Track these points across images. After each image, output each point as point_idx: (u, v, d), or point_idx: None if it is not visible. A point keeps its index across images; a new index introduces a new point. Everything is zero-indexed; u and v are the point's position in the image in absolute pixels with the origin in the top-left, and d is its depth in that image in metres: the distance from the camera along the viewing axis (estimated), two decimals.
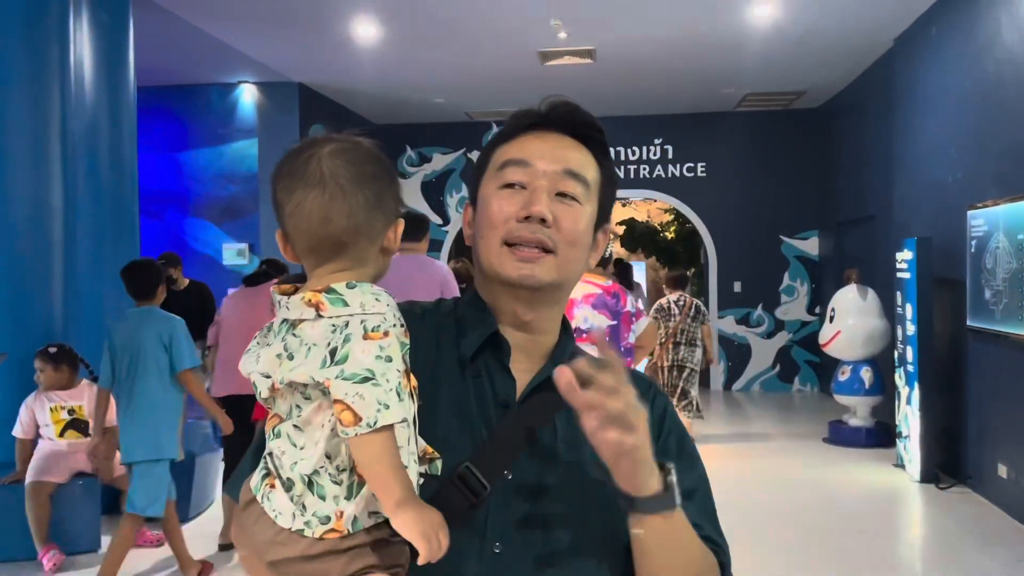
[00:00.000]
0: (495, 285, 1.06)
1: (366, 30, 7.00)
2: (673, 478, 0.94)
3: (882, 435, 7.22)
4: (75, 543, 4.52)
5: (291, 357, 0.92)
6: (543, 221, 1.02)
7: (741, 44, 7.42)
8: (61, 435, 4.59)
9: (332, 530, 0.92)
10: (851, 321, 7.30)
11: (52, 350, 4.59)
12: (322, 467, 0.93)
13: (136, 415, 3.96)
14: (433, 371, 1.05)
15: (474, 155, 10.72)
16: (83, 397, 4.71)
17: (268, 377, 0.94)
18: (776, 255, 10.42)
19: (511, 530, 0.99)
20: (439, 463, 0.99)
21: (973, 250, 5.62)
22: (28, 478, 4.45)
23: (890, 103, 7.42)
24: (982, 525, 5.13)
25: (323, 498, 0.92)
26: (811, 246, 10.36)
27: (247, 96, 8.79)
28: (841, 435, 7.34)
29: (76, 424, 4.64)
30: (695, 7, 6.48)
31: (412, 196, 10.87)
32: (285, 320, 0.95)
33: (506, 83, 8.75)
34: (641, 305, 4.03)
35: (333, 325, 0.91)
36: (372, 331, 0.91)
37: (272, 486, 0.95)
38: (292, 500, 0.93)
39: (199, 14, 6.56)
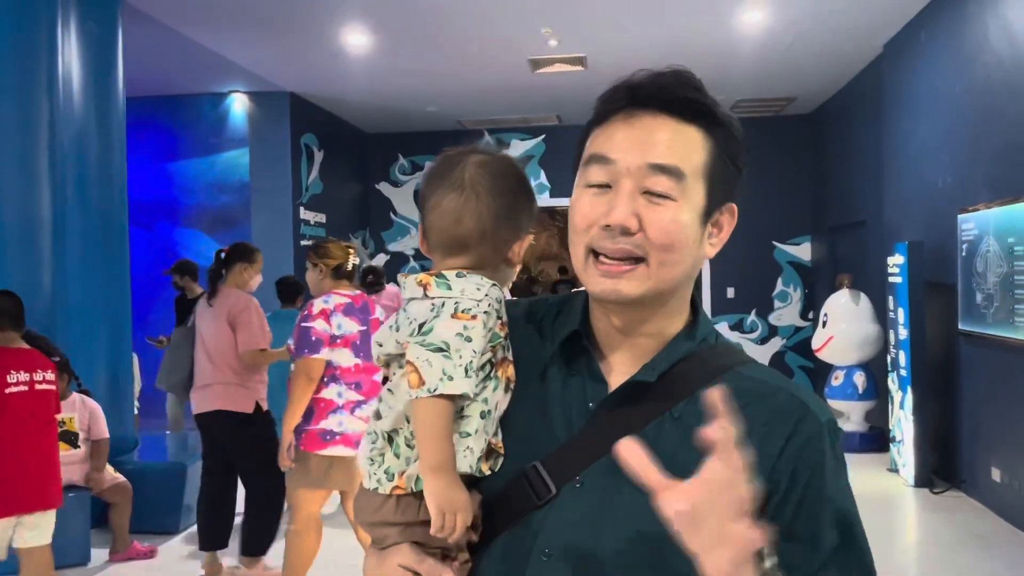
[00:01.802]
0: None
1: (357, 39, 7.00)
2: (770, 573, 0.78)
3: (876, 440, 7.22)
4: (65, 555, 4.46)
5: (397, 330, 1.02)
6: (627, 230, 0.92)
7: (731, 51, 7.43)
8: None
9: (397, 487, 1.01)
10: (844, 326, 7.31)
11: None
12: (400, 428, 1.02)
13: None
14: (529, 367, 1.04)
15: None
16: (74, 409, 4.68)
17: (381, 345, 1.05)
18: (769, 261, 10.43)
19: (563, 538, 0.94)
20: (500, 460, 1.00)
21: (964, 254, 5.63)
22: None
23: (880, 108, 7.44)
24: (977, 529, 5.13)
25: (397, 456, 1.02)
26: (804, 251, 10.38)
27: (238, 106, 8.76)
28: None
29: (66, 436, 4.60)
30: (686, 14, 6.50)
31: (404, 204, 10.86)
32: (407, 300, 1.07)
33: (498, 91, 8.75)
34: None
35: (432, 304, 1.00)
36: (461, 312, 0.98)
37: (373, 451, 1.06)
38: (372, 452, 1.03)
39: (189, 23, 6.55)
